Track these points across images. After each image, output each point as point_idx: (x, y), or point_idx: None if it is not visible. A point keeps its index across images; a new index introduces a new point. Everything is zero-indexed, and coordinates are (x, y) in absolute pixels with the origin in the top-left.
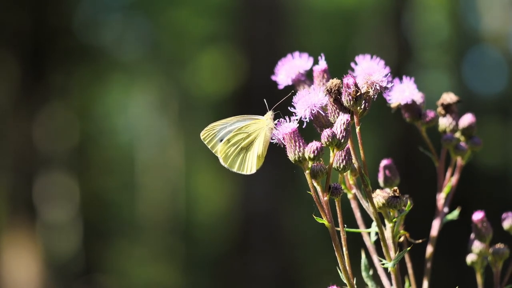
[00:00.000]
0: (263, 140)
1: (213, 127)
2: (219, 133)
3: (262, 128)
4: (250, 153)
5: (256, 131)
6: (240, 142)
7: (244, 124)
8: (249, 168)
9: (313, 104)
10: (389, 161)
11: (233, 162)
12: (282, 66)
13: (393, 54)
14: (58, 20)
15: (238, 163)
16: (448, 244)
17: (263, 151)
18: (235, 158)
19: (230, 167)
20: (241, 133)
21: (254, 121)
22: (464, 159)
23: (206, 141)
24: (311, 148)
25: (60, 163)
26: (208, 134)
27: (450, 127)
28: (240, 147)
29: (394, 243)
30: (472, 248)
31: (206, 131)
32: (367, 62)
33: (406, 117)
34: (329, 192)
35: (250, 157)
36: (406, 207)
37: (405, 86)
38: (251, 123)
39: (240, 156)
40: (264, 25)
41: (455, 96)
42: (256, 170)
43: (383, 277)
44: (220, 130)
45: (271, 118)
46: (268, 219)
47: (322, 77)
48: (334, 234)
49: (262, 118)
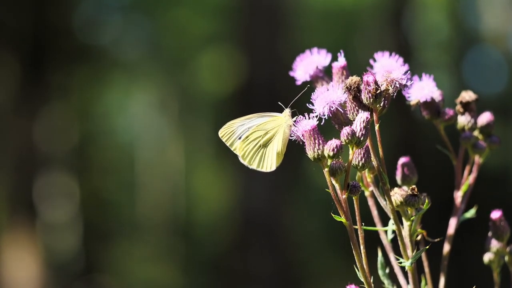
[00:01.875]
0: (282, 137)
1: (231, 125)
2: (237, 131)
3: (280, 125)
4: (269, 150)
5: (275, 128)
6: (259, 139)
7: (262, 121)
8: (269, 165)
9: (332, 101)
10: (407, 159)
11: (252, 159)
12: (300, 61)
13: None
14: (58, 20)
15: (258, 160)
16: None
17: (282, 148)
18: (254, 155)
19: (249, 165)
20: (259, 130)
21: (273, 118)
22: (482, 158)
23: (225, 139)
24: (330, 146)
25: (60, 163)
26: (226, 132)
27: (469, 125)
28: (259, 144)
29: (411, 241)
30: (490, 247)
31: (224, 129)
32: (386, 59)
33: (424, 115)
34: (347, 190)
35: (270, 154)
36: (424, 205)
37: (425, 83)
38: (269, 121)
39: (259, 153)
40: (264, 25)
41: (474, 94)
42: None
43: (399, 276)
44: (238, 128)
45: (289, 115)
46: (268, 219)
47: (341, 74)
48: (352, 232)
49: (280, 116)
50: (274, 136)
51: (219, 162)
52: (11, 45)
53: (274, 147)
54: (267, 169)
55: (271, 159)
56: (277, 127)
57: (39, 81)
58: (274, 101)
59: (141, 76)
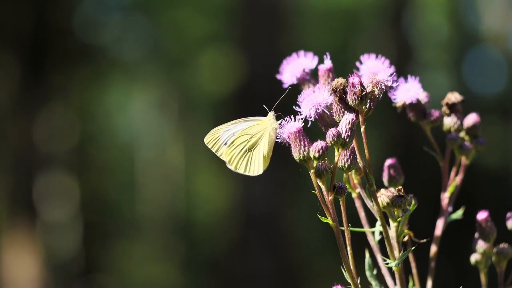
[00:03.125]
0: (267, 140)
1: (216, 131)
2: (222, 136)
3: (265, 128)
4: (255, 154)
5: (260, 132)
6: (245, 143)
7: (247, 126)
8: (256, 169)
9: (318, 103)
10: (393, 160)
11: (239, 164)
12: (287, 64)
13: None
14: (58, 20)
15: (244, 165)
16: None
17: (268, 151)
18: (240, 160)
19: (236, 169)
20: (245, 135)
21: (257, 122)
22: (469, 159)
23: (210, 145)
24: (316, 147)
25: (60, 163)
26: (211, 138)
27: (455, 127)
28: (245, 148)
29: (398, 242)
30: (476, 247)
31: (210, 135)
32: (372, 61)
33: (411, 117)
34: (334, 191)
35: (256, 158)
36: (410, 206)
37: (410, 85)
38: (254, 125)
39: (245, 157)
40: (264, 25)
41: (460, 96)
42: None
43: (387, 277)
44: (223, 133)
45: (274, 118)
46: (268, 219)
47: (327, 76)
48: (338, 234)
49: (265, 119)
50: (260, 140)
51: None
52: (11, 46)
53: (260, 151)
54: (254, 173)
55: (257, 162)
56: (262, 130)
57: (39, 81)
58: (274, 101)
59: (141, 76)
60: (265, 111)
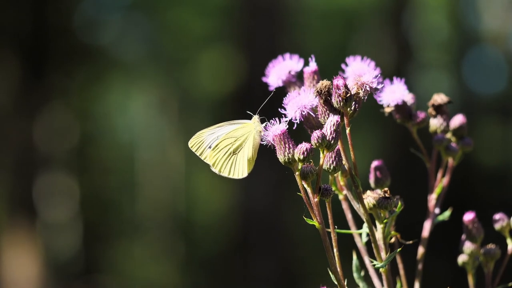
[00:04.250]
0: (252, 143)
1: (200, 135)
2: (207, 140)
3: (250, 132)
4: (240, 157)
5: (244, 135)
6: (229, 147)
7: (232, 129)
8: (240, 172)
9: (303, 106)
10: (379, 162)
11: (223, 167)
12: (272, 67)
13: (393, 54)
14: (58, 20)
15: (229, 168)
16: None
17: (253, 154)
18: (225, 163)
19: (220, 172)
20: (229, 138)
21: (242, 125)
22: (455, 160)
23: (195, 149)
24: (300, 149)
25: (60, 163)
26: (196, 142)
27: (441, 128)
28: (229, 152)
29: (385, 244)
30: (464, 248)
31: (194, 139)
32: (358, 63)
33: (396, 118)
34: (319, 193)
35: (241, 161)
36: (397, 208)
37: (396, 87)
38: (238, 128)
39: (230, 161)
40: (264, 25)
41: (446, 97)
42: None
43: (374, 278)
44: (208, 137)
45: (258, 121)
46: (268, 219)
47: (313, 79)
48: (324, 235)
49: (249, 122)
50: (244, 143)
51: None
52: (11, 45)
53: (245, 154)
54: (238, 176)
55: (242, 166)
56: (246, 134)
57: (39, 81)
58: (275, 101)
59: (141, 76)
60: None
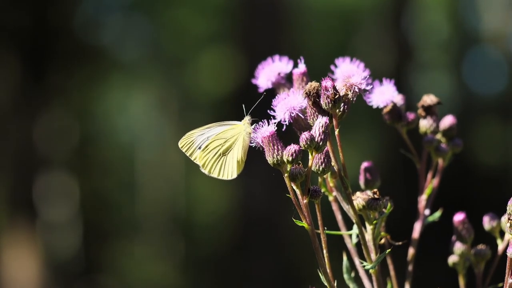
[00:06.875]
0: (241, 145)
1: (190, 136)
2: (197, 140)
3: (240, 133)
4: (229, 158)
5: (234, 136)
6: (219, 148)
7: (221, 130)
8: (229, 173)
9: (292, 107)
10: (369, 163)
11: (212, 168)
12: (262, 69)
13: (393, 54)
14: (58, 20)
15: (218, 169)
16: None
17: (242, 156)
18: (214, 164)
19: (210, 173)
20: (219, 139)
21: (232, 126)
22: (445, 161)
23: (184, 149)
24: (289, 151)
25: (60, 163)
26: (185, 142)
27: (431, 129)
28: (219, 153)
29: (375, 245)
30: (454, 249)
31: (184, 139)
32: (347, 64)
33: (386, 119)
34: (308, 195)
35: (230, 163)
36: (386, 209)
37: (385, 88)
38: (228, 129)
39: (219, 162)
40: (264, 25)
41: (436, 98)
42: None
43: (365, 280)
44: (197, 137)
45: (249, 123)
46: (268, 219)
47: (302, 80)
48: (314, 237)
49: (239, 124)
50: (234, 144)
51: None
52: (11, 45)
53: (234, 155)
54: (227, 178)
55: (231, 167)
56: (236, 135)
57: (39, 81)
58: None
59: (141, 76)
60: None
